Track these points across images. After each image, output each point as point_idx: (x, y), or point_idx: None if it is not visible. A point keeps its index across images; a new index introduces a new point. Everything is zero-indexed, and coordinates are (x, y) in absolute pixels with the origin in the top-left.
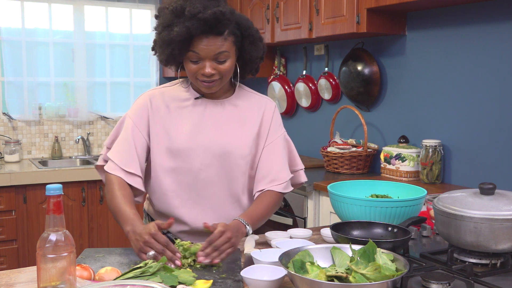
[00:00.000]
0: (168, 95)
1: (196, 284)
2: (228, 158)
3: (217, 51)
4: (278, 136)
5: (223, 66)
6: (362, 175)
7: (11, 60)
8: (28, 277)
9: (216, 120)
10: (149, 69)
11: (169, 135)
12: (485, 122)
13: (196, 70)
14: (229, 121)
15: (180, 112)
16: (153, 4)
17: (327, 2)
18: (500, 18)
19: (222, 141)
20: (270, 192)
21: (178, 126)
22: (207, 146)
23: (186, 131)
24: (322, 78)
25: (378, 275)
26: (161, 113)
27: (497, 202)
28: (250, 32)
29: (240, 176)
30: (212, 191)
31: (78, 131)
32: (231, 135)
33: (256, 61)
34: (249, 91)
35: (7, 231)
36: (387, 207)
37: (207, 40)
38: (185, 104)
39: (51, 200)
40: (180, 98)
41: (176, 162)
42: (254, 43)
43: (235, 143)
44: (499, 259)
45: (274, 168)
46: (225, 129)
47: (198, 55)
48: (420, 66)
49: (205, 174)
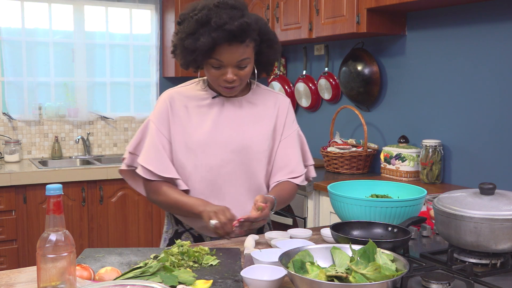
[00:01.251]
0: (186, 95)
1: (196, 284)
2: (247, 153)
3: (239, 58)
4: (293, 131)
5: (244, 71)
6: (362, 175)
7: (11, 60)
8: (28, 277)
9: (234, 117)
10: (149, 69)
11: (188, 134)
12: (485, 122)
13: (218, 76)
14: (246, 118)
15: (198, 111)
16: (153, 4)
17: (327, 2)
18: (500, 18)
19: (240, 137)
20: (288, 183)
21: (197, 124)
22: (226, 142)
23: (205, 129)
24: (322, 78)
25: (378, 275)
26: (180, 113)
27: (497, 202)
28: (268, 36)
29: (260, 171)
30: (233, 186)
31: (78, 131)
32: (249, 131)
33: (274, 63)
34: (265, 88)
35: (7, 231)
36: (387, 207)
37: (230, 48)
38: (203, 103)
39: (51, 200)
40: (198, 97)
41: (197, 159)
42: (272, 46)
43: (253, 139)
44: (499, 259)
45: (292, 161)
46: (242, 126)
47: (221, 62)
48: (420, 66)
49: (226, 170)
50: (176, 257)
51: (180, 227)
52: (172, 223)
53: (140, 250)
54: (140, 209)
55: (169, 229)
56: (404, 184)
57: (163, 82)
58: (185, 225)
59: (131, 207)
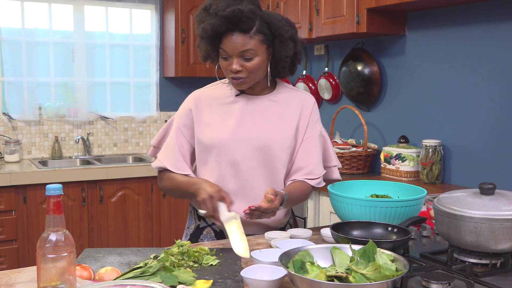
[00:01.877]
0: (211, 94)
1: (196, 284)
2: (268, 151)
3: (242, 48)
4: (316, 132)
5: (249, 63)
6: (362, 175)
7: (11, 60)
8: (28, 277)
9: (256, 114)
10: (149, 69)
11: (212, 131)
12: (485, 122)
13: (226, 67)
14: (269, 116)
15: (222, 108)
16: (153, 4)
17: (327, 2)
18: (500, 18)
19: (262, 134)
20: (303, 183)
21: (220, 121)
22: (248, 139)
23: (228, 125)
24: (322, 78)
25: (378, 275)
26: (204, 112)
27: (497, 202)
28: (280, 31)
29: (281, 169)
30: (254, 183)
31: (78, 131)
32: (271, 128)
33: (287, 60)
34: (289, 87)
35: (7, 231)
36: (387, 207)
37: (232, 37)
38: (227, 101)
39: (51, 200)
40: (222, 96)
41: (219, 155)
42: (284, 42)
43: (275, 137)
44: (499, 259)
45: (311, 162)
46: (265, 123)
47: (226, 52)
48: (420, 66)
49: (247, 166)
50: (176, 257)
51: (202, 222)
52: (195, 219)
53: (140, 250)
54: (140, 209)
55: (191, 225)
56: (404, 184)
57: (163, 82)
58: (208, 220)
59: (131, 207)
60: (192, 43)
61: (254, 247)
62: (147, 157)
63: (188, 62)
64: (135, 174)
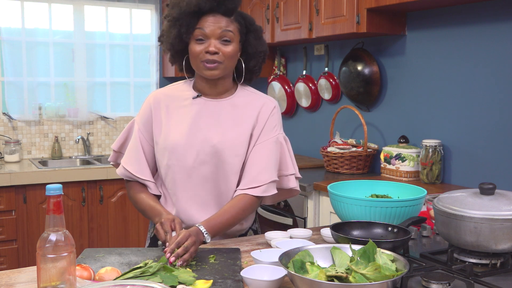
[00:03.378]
0: (169, 95)
1: (196, 284)
2: (221, 156)
3: (223, 28)
4: (270, 138)
5: (227, 48)
6: (362, 175)
7: (11, 60)
8: (28, 277)
9: (212, 118)
10: (149, 69)
11: (165, 133)
12: (485, 122)
13: (200, 50)
14: (225, 120)
15: (178, 111)
16: (153, 4)
17: (327, 2)
18: (500, 18)
19: (216, 139)
20: (243, 196)
21: (175, 125)
22: (201, 144)
23: (182, 129)
24: (322, 78)
25: (378, 275)
26: (161, 113)
27: (497, 202)
28: (255, 27)
29: (232, 176)
30: (205, 189)
31: (78, 131)
32: (225, 133)
33: (260, 56)
34: (251, 91)
35: (7, 231)
36: (387, 207)
37: (214, 18)
38: (184, 103)
39: (51, 200)
40: (180, 97)
41: (171, 159)
42: (259, 38)
43: (228, 142)
44: (499, 259)
45: (254, 169)
46: (220, 128)
47: (204, 32)
48: (420, 66)
49: (198, 172)
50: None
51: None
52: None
53: (140, 250)
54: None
55: (152, 228)
56: (404, 184)
57: (163, 82)
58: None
59: (131, 207)
60: None
61: (254, 247)
62: None
63: None
64: None
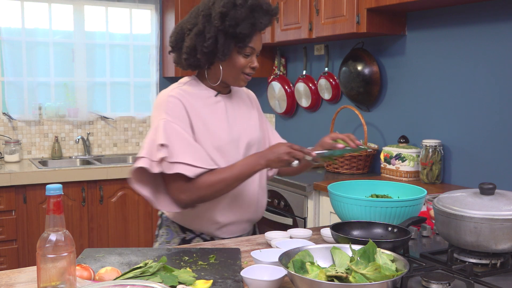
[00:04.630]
0: (191, 93)
1: (196, 284)
2: (254, 145)
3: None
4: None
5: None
6: (362, 175)
7: (11, 60)
8: (28, 277)
9: (238, 113)
10: (149, 69)
11: (212, 133)
12: (485, 122)
13: (246, 64)
14: (244, 112)
15: (210, 108)
16: (153, 4)
17: (327, 2)
18: (500, 18)
19: (248, 131)
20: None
21: (213, 122)
22: (240, 138)
23: (222, 127)
24: (322, 78)
25: (378, 275)
26: (194, 112)
27: (497, 202)
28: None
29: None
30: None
31: (78, 131)
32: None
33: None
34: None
35: (7, 231)
36: (387, 207)
37: (260, 35)
38: (209, 101)
39: (51, 200)
40: (201, 96)
41: (217, 157)
42: None
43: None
44: (499, 259)
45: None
46: (245, 120)
47: (253, 50)
48: (420, 66)
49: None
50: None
51: (189, 234)
52: (176, 231)
53: (140, 250)
54: (140, 209)
55: (173, 239)
56: (404, 184)
57: (163, 82)
58: (195, 230)
59: (131, 207)
60: None
61: (254, 247)
62: None
63: None
64: None
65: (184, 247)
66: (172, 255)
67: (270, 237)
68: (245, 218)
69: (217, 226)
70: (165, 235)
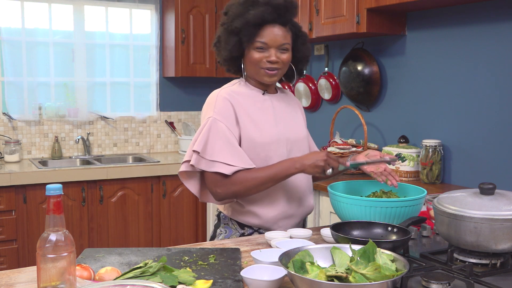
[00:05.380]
0: (240, 93)
1: (196, 284)
2: (300, 144)
3: (282, 41)
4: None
5: (284, 56)
6: (362, 175)
7: (11, 60)
8: (28, 277)
9: (284, 112)
10: (149, 69)
11: (259, 129)
12: (485, 122)
13: (261, 59)
14: (290, 112)
15: (258, 106)
16: (153, 4)
17: (327, 2)
18: (500, 18)
19: (294, 129)
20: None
21: (262, 119)
22: (288, 135)
23: (271, 124)
24: (322, 78)
25: (378, 275)
26: (245, 110)
27: (497, 202)
28: (302, 33)
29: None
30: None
31: (78, 131)
32: (297, 123)
33: (306, 60)
34: (279, 87)
35: (7, 231)
36: (387, 207)
37: (275, 29)
38: (257, 99)
39: (51, 200)
40: (250, 94)
41: (267, 153)
42: (305, 44)
43: (300, 131)
44: (499, 259)
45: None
46: (292, 119)
47: (264, 44)
48: (420, 66)
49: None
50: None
51: (248, 229)
52: (235, 228)
53: (140, 250)
54: (140, 209)
55: (231, 235)
56: (404, 184)
57: (163, 82)
58: (254, 225)
59: (131, 207)
60: (192, 43)
61: (254, 247)
62: (147, 157)
63: (188, 62)
64: (135, 174)
65: (184, 247)
66: (172, 255)
67: (270, 237)
68: (298, 213)
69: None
70: (224, 233)
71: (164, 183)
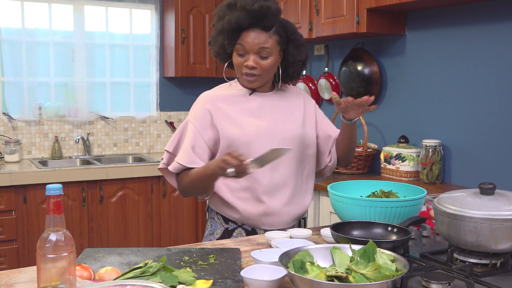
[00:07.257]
0: (223, 94)
1: (196, 284)
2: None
3: (260, 45)
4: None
5: (264, 62)
6: (362, 175)
7: (11, 60)
8: (28, 277)
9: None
10: (149, 69)
11: (238, 127)
12: (485, 122)
13: (241, 63)
14: (284, 109)
15: (240, 106)
16: (153, 4)
17: (327, 2)
18: (500, 18)
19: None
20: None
21: (243, 118)
22: (274, 133)
23: (253, 122)
24: (322, 78)
25: (378, 275)
26: (224, 109)
27: (497, 202)
28: (295, 36)
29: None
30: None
31: (78, 131)
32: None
33: (299, 64)
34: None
35: (7, 231)
36: (387, 207)
37: (253, 34)
38: (241, 100)
39: (51, 200)
40: (235, 95)
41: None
42: (298, 47)
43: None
44: (499, 259)
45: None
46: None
47: (244, 47)
48: (420, 66)
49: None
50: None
51: (231, 224)
52: (220, 223)
53: (140, 250)
54: (140, 209)
55: (216, 230)
56: (404, 184)
57: (163, 82)
58: (236, 220)
59: (131, 207)
60: (192, 43)
61: (254, 247)
62: (147, 157)
63: (188, 62)
64: (135, 174)
65: (184, 247)
66: (172, 255)
67: (270, 237)
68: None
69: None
70: (210, 227)
71: (164, 183)
